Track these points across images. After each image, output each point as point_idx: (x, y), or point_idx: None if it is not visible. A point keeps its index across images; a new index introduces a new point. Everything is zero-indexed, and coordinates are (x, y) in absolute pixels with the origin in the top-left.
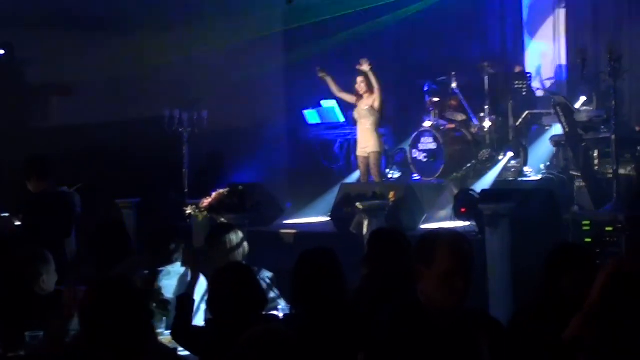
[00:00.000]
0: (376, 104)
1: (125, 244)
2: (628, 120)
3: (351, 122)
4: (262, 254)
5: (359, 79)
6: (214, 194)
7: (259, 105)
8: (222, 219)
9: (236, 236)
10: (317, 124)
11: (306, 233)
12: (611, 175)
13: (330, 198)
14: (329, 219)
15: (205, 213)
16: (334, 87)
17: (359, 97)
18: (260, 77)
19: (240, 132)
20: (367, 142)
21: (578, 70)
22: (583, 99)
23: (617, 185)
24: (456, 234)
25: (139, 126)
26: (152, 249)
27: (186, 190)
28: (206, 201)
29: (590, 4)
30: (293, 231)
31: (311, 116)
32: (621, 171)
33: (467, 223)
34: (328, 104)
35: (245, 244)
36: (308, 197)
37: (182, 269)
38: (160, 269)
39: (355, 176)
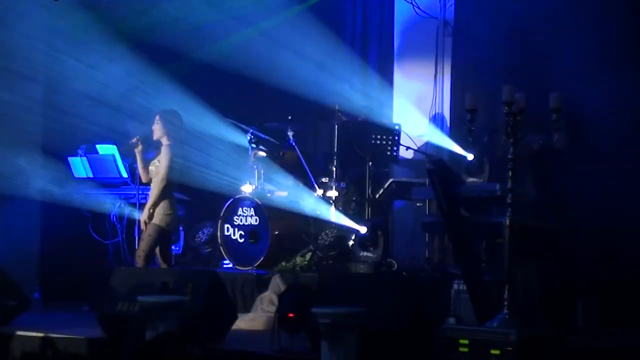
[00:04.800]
0: (163, 160)
1: None
2: (533, 200)
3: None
4: None
5: (156, 118)
6: None
7: None
8: None
9: None
10: (87, 179)
11: (60, 339)
12: (503, 278)
13: (99, 287)
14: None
15: None
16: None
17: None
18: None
19: None
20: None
21: (466, 125)
22: (471, 162)
23: (511, 292)
24: None
25: None
26: None
27: None
28: None
29: (486, 32)
30: (40, 334)
31: (78, 166)
32: (518, 272)
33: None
34: (106, 149)
35: None
36: (67, 283)
37: None
38: None
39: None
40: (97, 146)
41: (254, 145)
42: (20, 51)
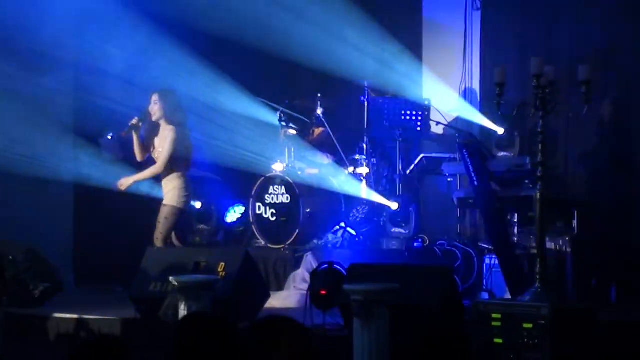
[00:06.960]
0: (165, 145)
1: None
2: (563, 173)
3: None
4: (25, 350)
5: (154, 98)
6: None
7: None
8: None
9: None
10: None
11: (94, 320)
12: (535, 251)
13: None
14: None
15: None
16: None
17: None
18: None
19: None
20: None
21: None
22: (501, 137)
23: (543, 266)
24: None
25: None
26: None
27: None
28: None
29: (517, 6)
30: (74, 316)
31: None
32: (549, 245)
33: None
34: None
35: None
36: (100, 265)
37: None
38: None
39: None
40: None
41: (283, 124)
42: (51, 34)
